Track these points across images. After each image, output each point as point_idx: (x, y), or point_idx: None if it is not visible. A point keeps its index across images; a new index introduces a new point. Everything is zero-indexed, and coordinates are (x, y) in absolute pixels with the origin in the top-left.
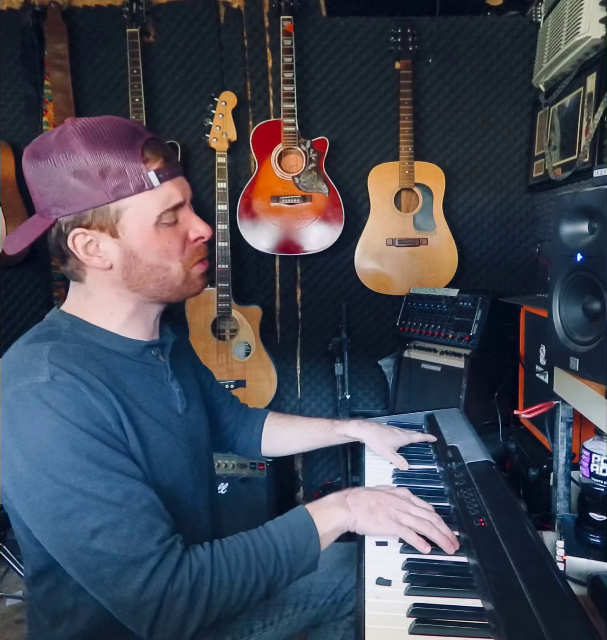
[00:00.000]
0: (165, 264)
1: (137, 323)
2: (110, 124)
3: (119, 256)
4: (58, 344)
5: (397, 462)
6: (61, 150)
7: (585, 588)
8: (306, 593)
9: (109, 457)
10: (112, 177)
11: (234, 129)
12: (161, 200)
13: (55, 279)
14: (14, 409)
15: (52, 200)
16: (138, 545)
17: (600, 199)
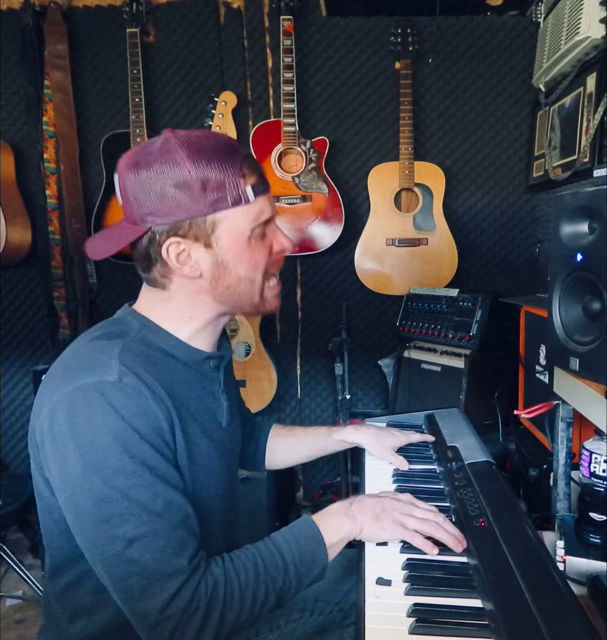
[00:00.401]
0: (251, 276)
1: (206, 333)
2: (210, 138)
3: (210, 266)
4: (127, 343)
5: (397, 462)
6: (165, 161)
7: (585, 588)
8: (313, 599)
9: (159, 465)
10: (212, 190)
11: (234, 129)
12: (255, 214)
13: (55, 279)
14: (76, 403)
15: (149, 209)
16: (170, 560)
17: (600, 199)
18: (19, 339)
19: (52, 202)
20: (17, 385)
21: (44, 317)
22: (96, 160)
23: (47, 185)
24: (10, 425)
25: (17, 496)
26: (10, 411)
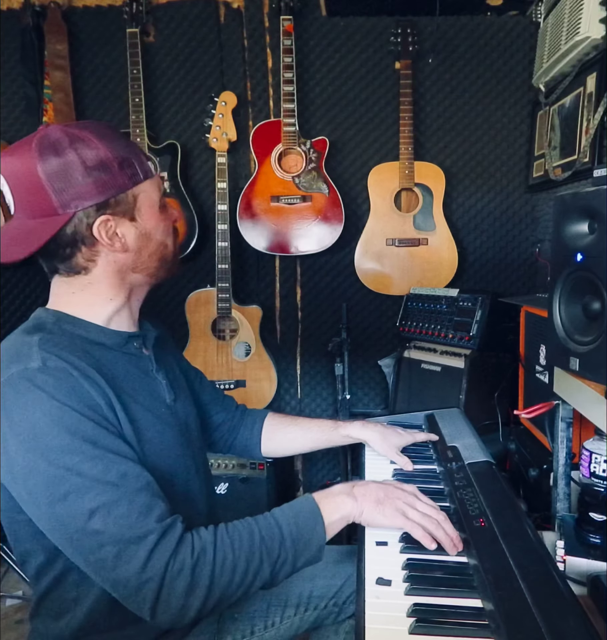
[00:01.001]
0: (166, 240)
1: (124, 314)
2: (98, 124)
3: (135, 238)
4: (45, 335)
5: (401, 462)
6: (79, 146)
7: (585, 588)
8: (307, 595)
9: (103, 438)
10: (127, 167)
11: (234, 129)
12: (158, 185)
13: None
14: (6, 396)
15: (72, 195)
16: (136, 523)
17: (600, 199)
18: None
19: None
20: None
21: None
22: None
23: None
24: None
25: None
26: None
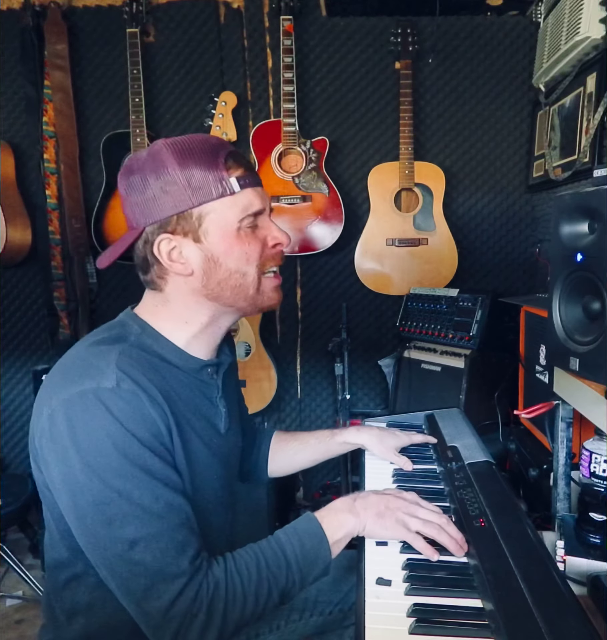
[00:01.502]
0: (243, 269)
1: (204, 339)
2: (196, 138)
3: (200, 261)
4: (126, 348)
5: (400, 462)
6: (153, 163)
7: (585, 588)
8: (312, 600)
9: (158, 469)
10: (196, 184)
11: (234, 129)
12: (242, 205)
13: (55, 279)
14: (75, 409)
15: (141, 212)
16: (173, 560)
17: (600, 199)
18: (19, 339)
19: (52, 202)
20: (17, 385)
21: (44, 317)
22: (96, 160)
23: (47, 185)
24: (10, 425)
25: (17, 496)
26: (10, 411)
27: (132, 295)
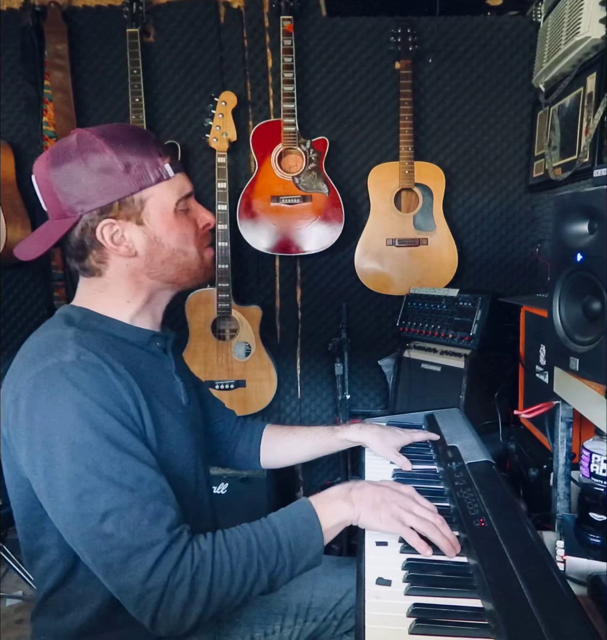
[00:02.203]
0: (184, 248)
1: (147, 313)
2: (121, 127)
3: (144, 243)
4: (77, 330)
5: (400, 462)
6: (86, 151)
7: (585, 588)
8: (306, 606)
9: (126, 440)
10: (135, 170)
11: (234, 129)
12: (177, 189)
13: (55, 279)
14: (39, 386)
15: (77, 199)
16: (147, 530)
17: (600, 199)
18: (19, 339)
19: None
20: None
21: (44, 317)
22: None
23: None
24: None
25: None
26: None
27: None
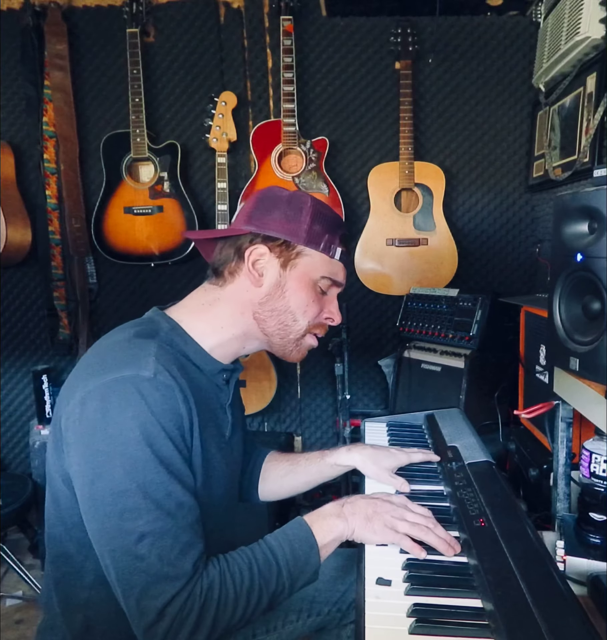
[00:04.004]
0: (297, 315)
1: (229, 348)
2: (331, 213)
3: (272, 282)
4: (161, 343)
5: (397, 484)
6: (294, 198)
7: (585, 588)
8: (310, 600)
9: (176, 464)
10: (314, 232)
11: (234, 129)
12: (331, 270)
13: (55, 279)
14: (111, 394)
15: (260, 221)
16: (175, 561)
17: (600, 199)
18: (19, 339)
19: (52, 202)
20: (17, 385)
21: (44, 317)
22: (96, 160)
23: (47, 185)
24: (10, 425)
25: (17, 496)
26: (10, 411)
27: (131, 295)
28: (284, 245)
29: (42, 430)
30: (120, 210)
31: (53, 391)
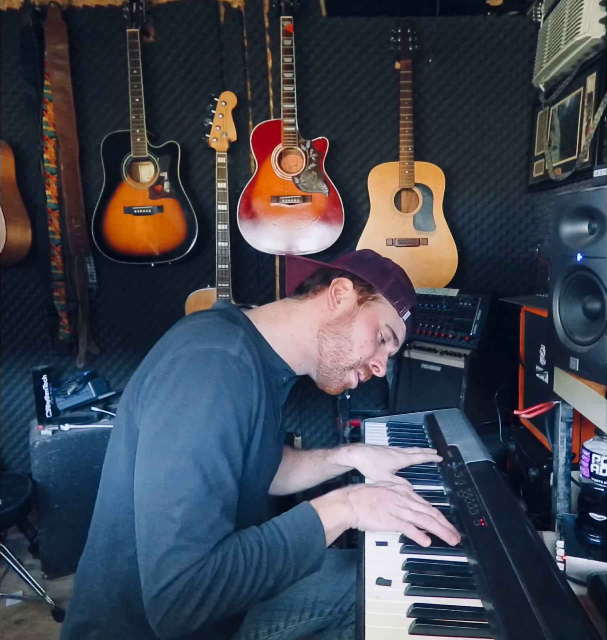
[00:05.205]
0: (354, 347)
1: (292, 352)
2: (411, 285)
3: (344, 312)
4: (246, 333)
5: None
6: (383, 263)
7: (585, 588)
8: (312, 600)
9: (232, 443)
10: (394, 289)
11: (234, 129)
12: (395, 324)
13: (55, 279)
14: (198, 361)
15: (354, 266)
16: (202, 534)
17: (600, 199)
18: (19, 339)
19: (52, 202)
20: (17, 385)
21: (44, 317)
22: (96, 160)
23: (47, 185)
24: (10, 425)
25: (17, 496)
26: (10, 411)
27: (131, 295)
28: (366, 288)
29: (42, 430)
30: (120, 210)
31: (53, 391)
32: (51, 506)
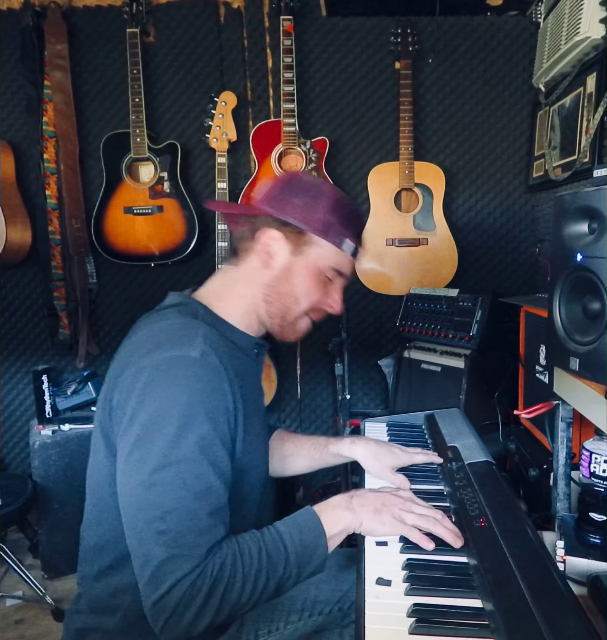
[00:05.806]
0: (300, 300)
1: (253, 318)
2: (353, 205)
3: (281, 267)
4: (206, 327)
5: (397, 482)
6: (315, 187)
7: (585, 588)
8: (312, 599)
9: (212, 448)
10: (328, 224)
11: (234, 129)
12: (338, 261)
13: (55, 279)
14: (160, 371)
15: (279, 205)
16: (193, 542)
17: (600, 199)
18: (19, 339)
19: (52, 202)
20: (17, 385)
21: (44, 317)
22: (96, 160)
23: (47, 185)
24: (10, 425)
25: (17, 496)
26: (10, 411)
27: (131, 295)
28: (297, 234)
29: (42, 430)
30: (120, 210)
31: (53, 391)
32: (51, 506)
